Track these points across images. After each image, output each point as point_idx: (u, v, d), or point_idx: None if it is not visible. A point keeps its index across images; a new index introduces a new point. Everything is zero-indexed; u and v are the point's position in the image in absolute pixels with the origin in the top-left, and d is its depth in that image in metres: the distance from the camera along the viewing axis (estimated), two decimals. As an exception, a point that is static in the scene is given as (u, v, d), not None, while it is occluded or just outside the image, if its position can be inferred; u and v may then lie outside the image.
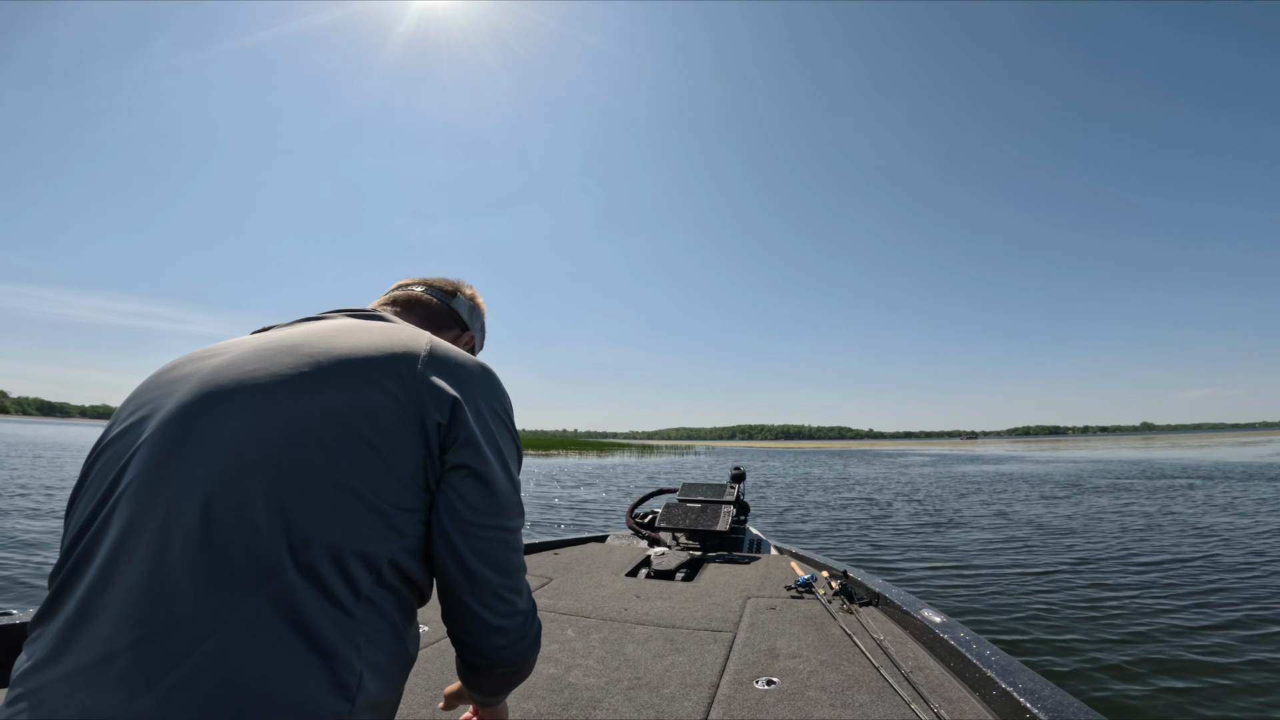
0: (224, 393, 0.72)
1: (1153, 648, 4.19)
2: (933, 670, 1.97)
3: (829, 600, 2.73)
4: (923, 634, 2.22)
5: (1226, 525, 9.62)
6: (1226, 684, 3.60)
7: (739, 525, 4.46)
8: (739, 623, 2.51)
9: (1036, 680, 1.63)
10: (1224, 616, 4.87)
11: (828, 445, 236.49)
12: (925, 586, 6.06)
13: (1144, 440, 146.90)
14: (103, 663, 0.59)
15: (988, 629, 4.63)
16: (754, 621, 2.52)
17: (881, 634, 2.27)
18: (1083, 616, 4.94)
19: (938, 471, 28.34)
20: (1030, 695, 1.54)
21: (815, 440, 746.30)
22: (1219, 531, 9.03)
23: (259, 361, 0.75)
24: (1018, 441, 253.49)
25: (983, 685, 1.73)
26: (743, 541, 4.39)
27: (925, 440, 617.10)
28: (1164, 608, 5.14)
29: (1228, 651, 4.10)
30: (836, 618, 2.50)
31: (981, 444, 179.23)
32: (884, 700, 1.74)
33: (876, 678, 1.90)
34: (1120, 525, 9.93)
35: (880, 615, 2.57)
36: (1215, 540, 8.31)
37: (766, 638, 2.31)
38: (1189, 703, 3.37)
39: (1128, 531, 9.26)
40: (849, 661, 2.05)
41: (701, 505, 4.43)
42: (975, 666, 1.79)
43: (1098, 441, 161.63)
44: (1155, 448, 65.89)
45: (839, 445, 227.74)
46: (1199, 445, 71.11)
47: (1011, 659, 1.81)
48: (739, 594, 2.98)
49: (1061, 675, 3.76)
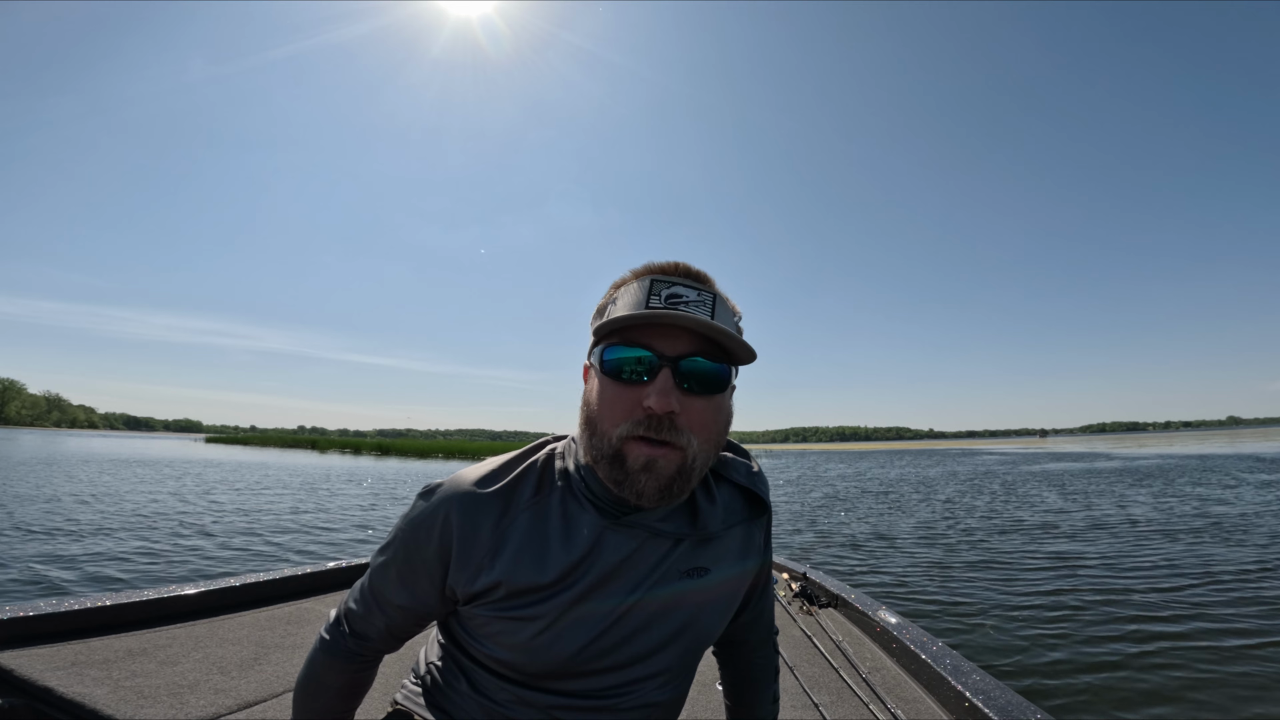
0: None
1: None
2: (890, 671, 2.02)
3: (789, 602, 2.77)
4: (880, 635, 2.26)
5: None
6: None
7: None
8: None
9: (988, 680, 1.68)
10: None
11: (887, 446, 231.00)
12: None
13: (1230, 436, 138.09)
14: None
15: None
16: None
17: (840, 635, 2.32)
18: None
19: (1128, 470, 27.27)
20: (981, 695, 1.59)
21: (873, 441, 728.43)
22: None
23: None
24: (1095, 439, 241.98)
25: (937, 685, 1.78)
26: None
27: (991, 439, 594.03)
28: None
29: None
30: (797, 620, 2.54)
31: (1054, 442, 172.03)
32: (844, 701, 1.80)
33: (836, 679, 1.97)
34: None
35: (839, 617, 2.60)
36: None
37: None
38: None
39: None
40: (809, 663, 2.10)
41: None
42: (930, 666, 1.84)
43: (1184, 437, 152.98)
44: (1242, 441, 61.80)
45: (899, 446, 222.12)
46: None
47: (964, 659, 1.84)
48: None
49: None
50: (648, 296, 0.78)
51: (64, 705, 1.56)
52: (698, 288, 0.80)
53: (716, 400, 0.80)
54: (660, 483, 0.76)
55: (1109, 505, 13.36)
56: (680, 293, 0.78)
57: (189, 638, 2.05)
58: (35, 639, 1.86)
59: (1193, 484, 18.06)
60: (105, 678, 1.69)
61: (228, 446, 70.53)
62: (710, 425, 0.79)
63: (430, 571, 0.85)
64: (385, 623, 0.90)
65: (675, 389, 0.75)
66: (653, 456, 0.75)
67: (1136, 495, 15.30)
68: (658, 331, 0.77)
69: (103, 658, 1.81)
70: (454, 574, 0.83)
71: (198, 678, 1.76)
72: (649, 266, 0.83)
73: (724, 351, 0.79)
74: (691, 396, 0.77)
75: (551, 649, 0.82)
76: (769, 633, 1.11)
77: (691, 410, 0.77)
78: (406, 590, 0.87)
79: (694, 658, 0.92)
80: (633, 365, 0.77)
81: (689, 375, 0.76)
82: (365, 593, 0.91)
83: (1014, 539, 9.31)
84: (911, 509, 13.82)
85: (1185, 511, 11.92)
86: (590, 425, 0.81)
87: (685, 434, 0.76)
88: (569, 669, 0.83)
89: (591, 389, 0.82)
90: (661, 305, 0.77)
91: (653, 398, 0.74)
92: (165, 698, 1.63)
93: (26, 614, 1.88)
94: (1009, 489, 18.36)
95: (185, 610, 2.26)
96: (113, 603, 2.08)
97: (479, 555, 0.82)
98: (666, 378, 0.75)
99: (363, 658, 0.93)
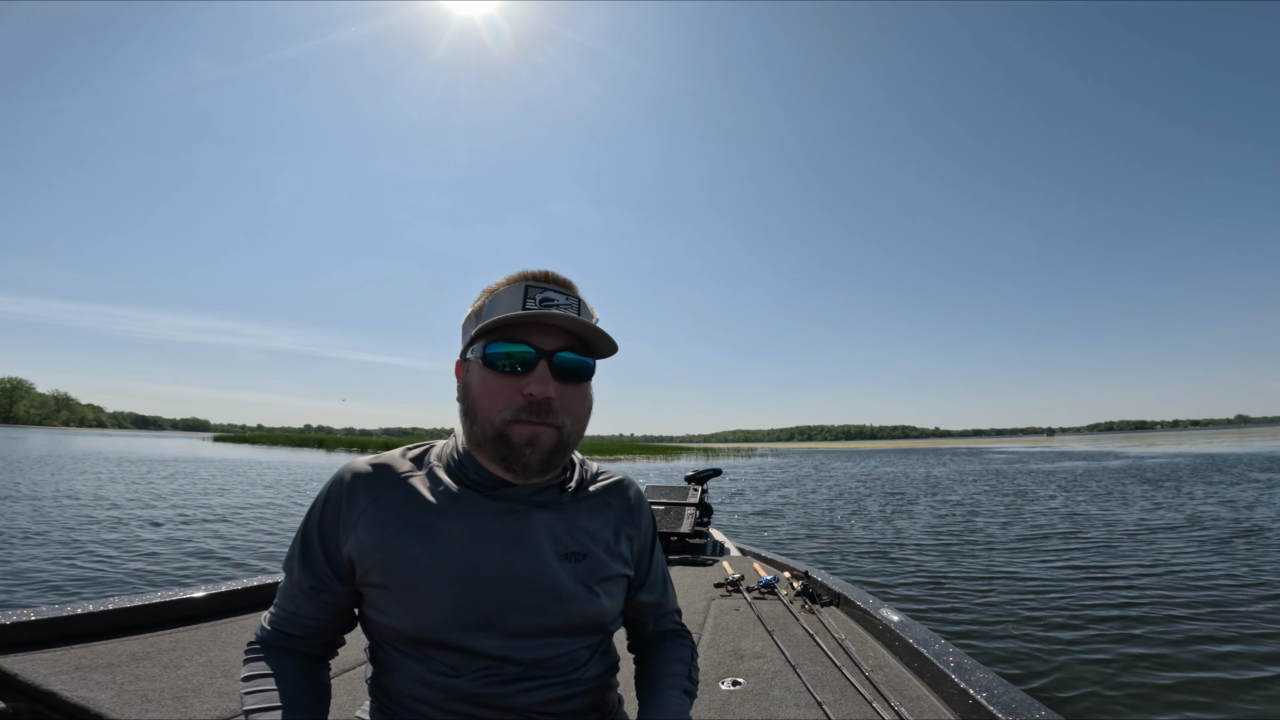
0: None
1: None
2: (893, 669, 2.01)
3: (791, 601, 2.78)
4: (883, 633, 2.26)
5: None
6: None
7: (702, 528, 4.49)
8: (703, 624, 2.58)
9: (991, 677, 1.67)
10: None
11: (893, 445, 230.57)
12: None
13: (1239, 434, 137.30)
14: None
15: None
16: (718, 623, 2.58)
17: (843, 634, 2.32)
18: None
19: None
20: (985, 692, 1.58)
21: (878, 440, 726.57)
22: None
23: None
24: (1102, 438, 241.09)
25: (940, 683, 1.78)
26: (706, 544, 4.42)
27: (998, 438, 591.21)
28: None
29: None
30: (799, 618, 2.55)
31: (1061, 440, 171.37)
32: (847, 699, 1.80)
33: (839, 677, 1.96)
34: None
35: (841, 615, 2.61)
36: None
37: (731, 639, 2.35)
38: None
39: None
40: (812, 661, 2.10)
41: (665, 508, 4.47)
42: (933, 664, 1.83)
43: (1193, 436, 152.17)
44: (1251, 439, 61.46)
45: (905, 445, 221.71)
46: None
47: (967, 657, 1.84)
48: (702, 595, 3.04)
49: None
50: (524, 300, 0.91)
51: (68, 710, 1.56)
52: (565, 292, 0.94)
53: (583, 387, 0.95)
54: (543, 454, 0.89)
55: (1117, 504, 13.31)
56: (551, 297, 0.93)
57: (192, 641, 2.05)
58: (39, 643, 1.86)
59: (1204, 483, 17.97)
60: (109, 682, 1.69)
61: (235, 445, 70.84)
62: (579, 409, 0.95)
63: (325, 547, 0.94)
64: (305, 614, 0.95)
65: (551, 378, 0.89)
66: (535, 432, 0.89)
67: (1145, 494, 15.23)
68: (535, 330, 0.91)
69: (106, 662, 1.82)
70: (341, 544, 0.92)
71: (201, 681, 1.76)
72: (523, 274, 0.95)
73: (588, 347, 0.95)
74: (564, 384, 0.91)
75: (436, 611, 0.88)
76: (676, 625, 1.16)
77: (565, 396, 0.91)
78: (309, 572, 0.95)
79: (583, 631, 0.97)
80: (515, 359, 0.90)
81: (562, 367, 0.91)
82: (281, 591, 0.98)
83: (1022, 538, 9.28)
84: (917, 508, 13.78)
85: (1196, 511, 11.86)
86: (471, 414, 0.92)
87: (560, 415, 0.90)
88: (454, 629, 0.88)
89: (471, 382, 0.93)
90: (536, 307, 0.91)
91: (533, 385, 0.87)
92: (169, 701, 1.63)
93: (30, 618, 1.89)
94: (1017, 488, 18.29)
95: (189, 614, 2.27)
96: (116, 607, 2.08)
97: (354, 523, 0.92)
98: (544, 369, 0.89)
99: (298, 655, 0.96)
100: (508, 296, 0.93)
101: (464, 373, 0.97)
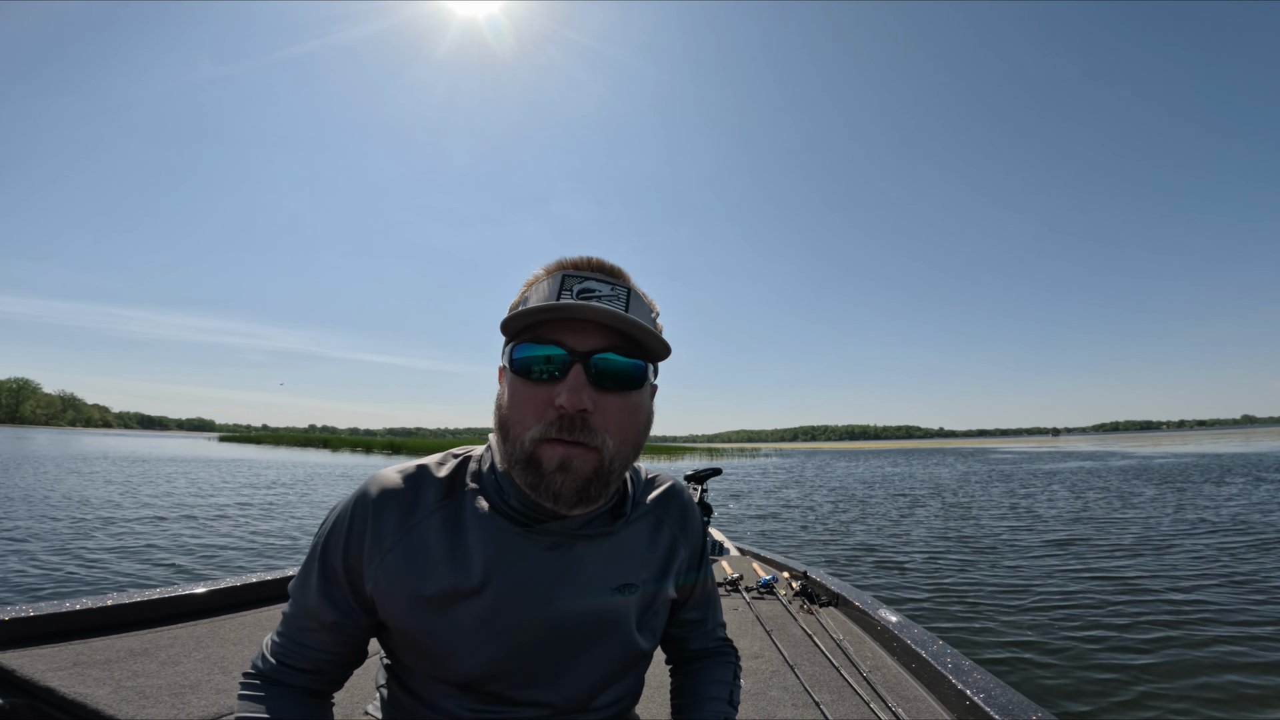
0: None
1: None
2: (890, 669, 2.01)
3: (789, 601, 2.78)
4: (881, 634, 2.26)
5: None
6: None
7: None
8: None
9: (988, 678, 1.68)
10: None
11: (897, 445, 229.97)
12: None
13: (1245, 434, 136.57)
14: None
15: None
16: None
17: (841, 634, 2.32)
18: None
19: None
20: (982, 693, 1.59)
21: (882, 440, 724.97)
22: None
23: None
24: (1108, 438, 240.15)
25: (938, 684, 1.78)
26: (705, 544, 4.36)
27: (1003, 438, 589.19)
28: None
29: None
30: (797, 618, 2.55)
31: (1066, 441, 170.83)
32: (845, 700, 1.80)
33: (837, 677, 1.96)
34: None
35: (840, 616, 2.60)
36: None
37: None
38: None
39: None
40: (810, 661, 2.10)
41: None
42: (930, 665, 1.83)
43: (1199, 436, 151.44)
44: (1257, 439, 61.08)
45: (909, 445, 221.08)
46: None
47: (964, 658, 1.84)
48: None
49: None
50: (559, 291, 0.74)
51: (66, 705, 1.57)
52: (611, 282, 0.76)
53: (632, 398, 0.76)
54: (577, 483, 0.72)
55: (1121, 506, 13.25)
56: (593, 287, 0.75)
57: (191, 638, 2.06)
58: (37, 639, 1.87)
59: (1211, 483, 17.87)
60: (107, 678, 1.69)
61: (241, 445, 71.09)
62: (626, 425, 0.75)
63: (351, 577, 0.80)
64: (319, 648, 0.83)
65: (588, 386, 0.71)
66: (568, 455, 0.71)
67: (1151, 496, 15.15)
68: (569, 326, 0.73)
69: (104, 658, 1.82)
70: (367, 577, 0.79)
71: (199, 678, 1.76)
72: (560, 262, 0.78)
73: (639, 347, 0.75)
74: (605, 394, 0.73)
75: (473, 657, 0.79)
76: (718, 642, 1.06)
77: (606, 408, 0.73)
78: (331, 605, 0.81)
79: (630, 669, 0.90)
80: (543, 362, 0.73)
81: (602, 371, 0.73)
82: (289, 620, 0.85)
83: (1022, 539, 9.25)
84: (920, 509, 13.75)
85: (1202, 512, 11.80)
86: (503, 429, 0.76)
87: (600, 434, 0.72)
88: (494, 677, 0.80)
89: (503, 391, 0.78)
90: (573, 300, 0.73)
91: (564, 395, 0.70)
92: (167, 698, 1.63)
93: (28, 614, 1.89)
94: (1021, 489, 18.22)
95: (187, 610, 2.27)
96: (114, 603, 2.09)
97: (382, 558, 0.79)
98: (578, 374, 0.71)
99: (305, 694, 0.84)
100: (544, 288, 0.76)
101: (501, 380, 0.80)
